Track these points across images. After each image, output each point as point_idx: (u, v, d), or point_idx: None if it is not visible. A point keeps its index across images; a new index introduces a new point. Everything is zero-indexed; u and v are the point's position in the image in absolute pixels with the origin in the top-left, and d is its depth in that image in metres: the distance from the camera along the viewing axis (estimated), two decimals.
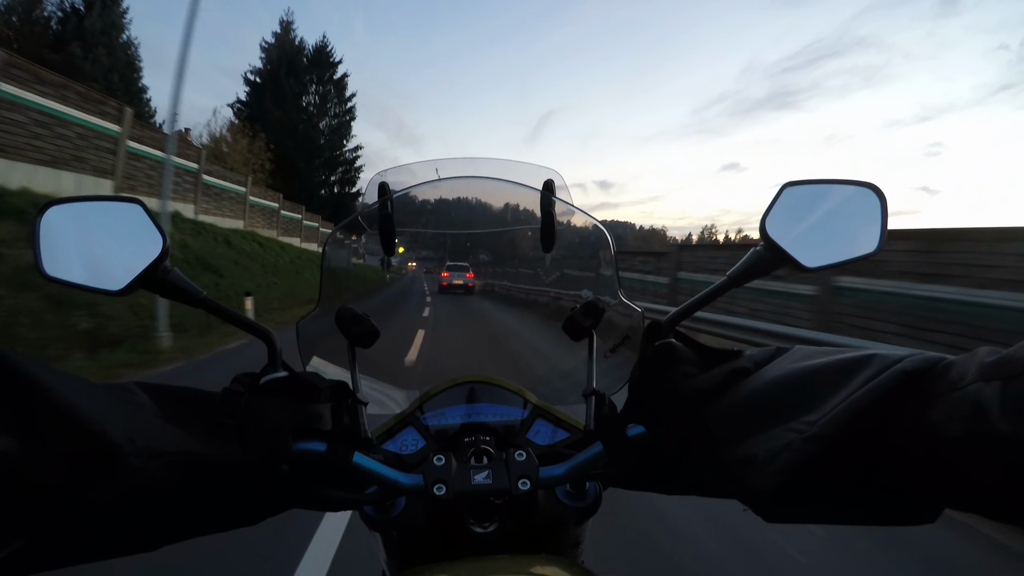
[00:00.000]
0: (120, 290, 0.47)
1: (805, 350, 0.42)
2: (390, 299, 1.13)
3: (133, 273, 0.46)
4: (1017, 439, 0.26)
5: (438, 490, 0.48)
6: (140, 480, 0.35)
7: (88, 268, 0.47)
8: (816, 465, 0.34)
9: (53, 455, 0.32)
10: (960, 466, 0.29)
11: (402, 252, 0.98)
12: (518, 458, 0.51)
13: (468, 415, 0.66)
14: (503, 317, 1.36)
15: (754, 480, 0.36)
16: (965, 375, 0.30)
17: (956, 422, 0.29)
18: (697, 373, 0.45)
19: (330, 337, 0.59)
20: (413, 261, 1.30)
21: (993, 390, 0.27)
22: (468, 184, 0.74)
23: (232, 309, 0.51)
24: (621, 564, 1.98)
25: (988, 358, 0.29)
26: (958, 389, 0.29)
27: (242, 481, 0.41)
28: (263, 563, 1.96)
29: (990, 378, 0.28)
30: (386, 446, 0.63)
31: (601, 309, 0.62)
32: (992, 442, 0.27)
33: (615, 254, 0.68)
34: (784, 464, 0.34)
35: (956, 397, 0.29)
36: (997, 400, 0.27)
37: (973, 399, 0.28)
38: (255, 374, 0.48)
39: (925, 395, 0.31)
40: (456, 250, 1.12)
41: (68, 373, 0.36)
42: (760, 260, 0.49)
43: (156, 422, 0.39)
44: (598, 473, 0.54)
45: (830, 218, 0.50)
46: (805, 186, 0.49)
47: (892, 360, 0.34)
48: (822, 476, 0.34)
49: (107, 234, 0.48)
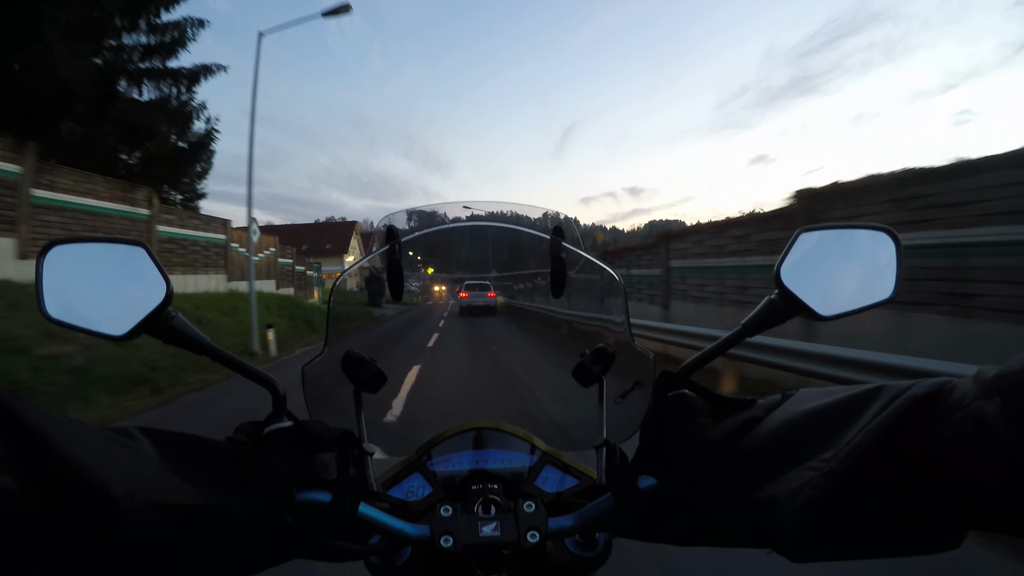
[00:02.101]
0: (123, 335, 0.46)
1: (811, 392, 0.42)
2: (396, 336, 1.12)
3: (137, 318, 0.46)
4: (1021, 450, 0.26)
5: (445, 542, 0.47)
6: (139, 533, 0.34)
7: (91, 311, 0.47)
8: (838, 500, 0.34)
9: (52, 502, 0.32)
10: (974, 485, 0.30)
11: (431, 272, 0.97)
12: (527, 509, 0.50)
13: (475, 462, 0.65)
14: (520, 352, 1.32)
15: (777, 520, 0.36)
16: (967, 394, 0.30)
17: (962, 441, 0.29)
18: (710, 424, 0.45)
19: (336, 381, 0.58)
20: (436, 286, 1.22)
21: (994, 406, 0.28)
22: (478, 229, 0.74)
23: (236, 356, 0.51)
24: None
25: (988, 375, 0.30)
26: (961, 408, 0.30)
27: (245, 531, 0.41)
28: None
29: (991, 394, 0.28)
30: (392, 492, 0.62)
31: (611, 355, 0.61)
32: (999, 456, 0.27)
33: (627, 299, 0.68)
34: (806, 501, 0.34)
35: (960, 417, 0.30)
36: (999, 415, 0.27)
37: (976, 417, 0.28)
38: (259, 423, 0.47)
39: (934, 418, 0.31)
40: (472, 268, 1.10)
41: (70, 419, 0.36)
42: (774, 308, 0.48)
43: (157, 472, 0.38)
44: (608, 524, 0.53)
45: (845, 263, 0.50)
46: (819, 231, 0.49)
47: (901, 388, 0.34)
48: (844, 510, 0.34)
49: (111, 277, 0.48)
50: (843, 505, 0.34)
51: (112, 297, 0.47)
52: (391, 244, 0.59)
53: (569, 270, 0.61)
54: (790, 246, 0.48)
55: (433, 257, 0.77)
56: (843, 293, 0.48)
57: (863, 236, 0.50)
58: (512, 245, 0.76)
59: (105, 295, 0.48)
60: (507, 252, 0.78)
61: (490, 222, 0.72)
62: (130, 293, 0.47)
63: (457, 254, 0.78)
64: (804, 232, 0.48)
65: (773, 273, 0.47)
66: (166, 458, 0.40)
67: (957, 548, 0.34)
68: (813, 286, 0.47)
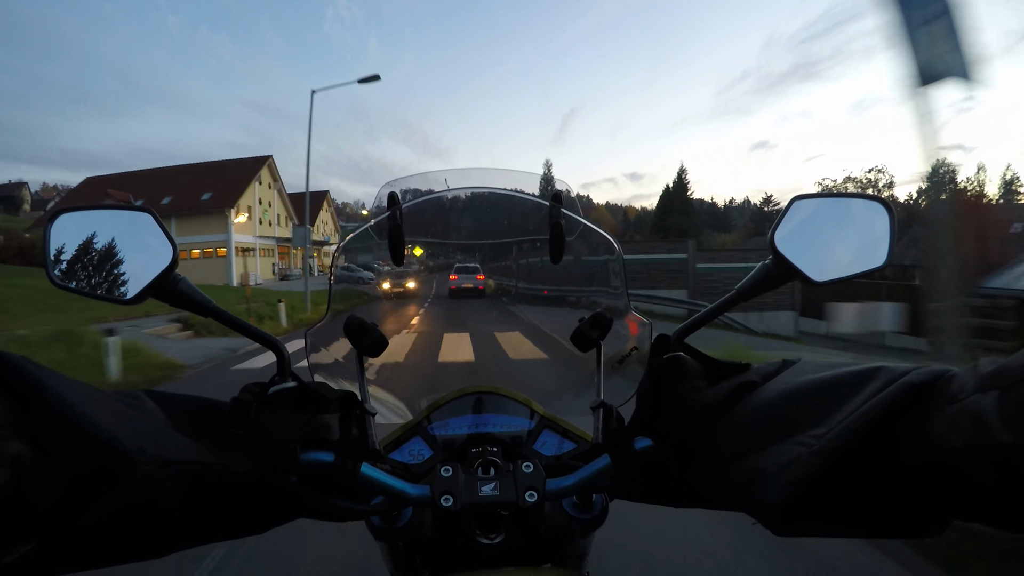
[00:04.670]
0: (130, 299, 0.47)
1: (812, 363, 0.42)
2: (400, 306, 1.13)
3: (143, 282, 0.47)
4: (1016, 447, 0.26)
5: (445, 501, 0.48)
6: (149, 489, 0.35)
7: (98, 277, 0.47)
8: (824, 478, 0.34)
9: (63, 462, 0.33)
10: (964, 477, 0.30)
11: (419, 254, 0.97)
12: (525, 470, 0.51)
13: (475, 425, 0.66)
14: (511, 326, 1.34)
15: (763, 494, 0.36)
16: (965, 387, 0.30)
17: (957, 434, 0.29)
18: (705, 386, 0.45)
19: (338, 346, 0.59)
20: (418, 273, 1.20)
21: (991, 400, 0.28)
22: (477, 195, 0.74)
23: (241, 319, 0.51)
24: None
25: (986, 369, 0.30)
26: (958, 401, 0.30)
27: (250, 491, 0.42)
28: (270, 571, 1.96)
29: (988, 388, 0.28)
30: (393, 455, 0.63)
31: (609, 320, 0.61)
32: (993, 451, 0.27)
33: (624, 266, 0.68)
34: (793, 478, 0.34)
35: (956, 409, 0.30)
36: (995, 410, 0.27)
37: (972, 410, 0.29)
38: (264, 384, 0.48)
39: (929, 407, 0.32)
40: (465, 253, 1.08)
41: (79, 381, 0.36)
42: (769, 274, 0.49)
43: (165, 431, 0.39)
44: (605, 485, 0.53)
45: (839, 231, 0.50)
46: (814, 199, 0.49)
47: (899, 373, 0.34)
48: (830, 489, 0.34)
49: (117, 243, 0.48)
50: (829, 484, 0.34)
51: (119, 263, 0.48)
52: (392, 210, 0.59)
53: (568, 236, 0.61)
54: (784, 212, 0.48)
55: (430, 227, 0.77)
56: (837, 259, 0.49)
57: (858, 205, 0.50)
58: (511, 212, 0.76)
59: (112, 261, 0.48)
60: (507, 219, 0.78)
61: (491, 188, 0.71)
62: (136, 258, 0.47)
63: (458, 220, 0.78)
64: (799, 200, 0.49)
65: (768, 239, 0.48)
66: (173, 419, 0.41)
67: (939, 535, 0.35)
68: (807, 252, 0.47)
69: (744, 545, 2.21)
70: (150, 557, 0.38)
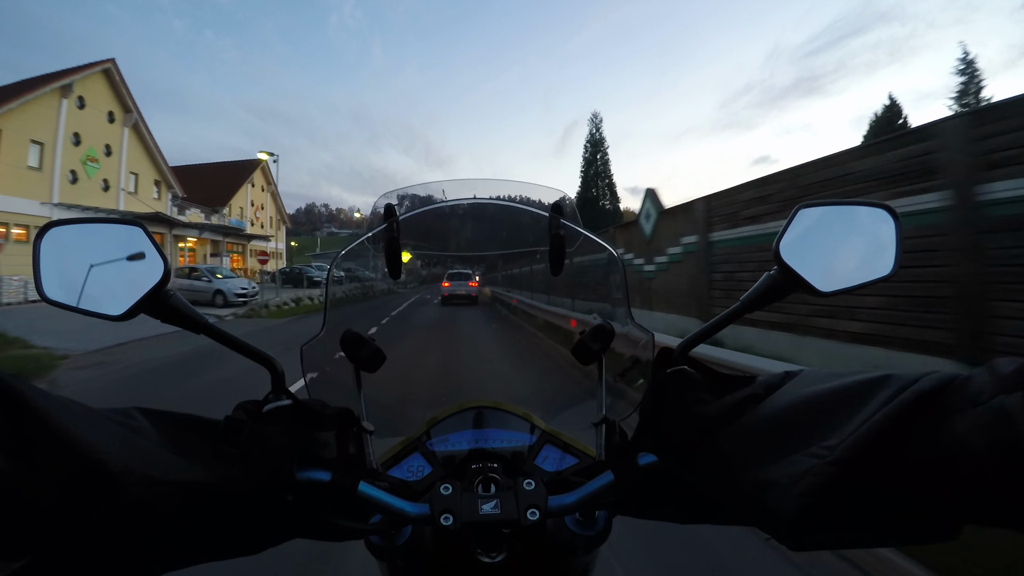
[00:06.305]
0: (120, 315, 0.46)
1: (815, 373, 0.42)
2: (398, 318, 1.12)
3: (134, 297, 0.46)
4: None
5: (445, 520, 0.47)
6: (138, 509, 0.34)
7: (89, 292, 0.46)
8: (838, 489, 0.33)
9: (50, 480, 0.32)
10: (982, 480, 0.29)
11: (407, 259, 0.96)
12: (527, 487, 0.50)
13: (475, 441, 0.65)
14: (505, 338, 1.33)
15: (776, 506, 0.35)
16: (985, 388, 0.30)
17: (980, 435, 0.29)
18: (710, 400, 0.45)
19: (335, 361, 0.58)
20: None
21: (1016, 400, 0.28)
22: (476, 206, 0.73)
23: (234, 335, 0.50)
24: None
25: (1006, 369, 0.30)
26: (981, 403, 0.29)
27: (245, 510, 0.41)
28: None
29: (1012, 389, 0.28)
30: (392, 472, 0.62)
31: (610, 332, 0.61)
32: (1020, 452, 0.27)
33: (625, 277, 0.67)
34: (806, 488, 0.34)
35: (979, 411, 0.29)
36: (1022, 410, 0.27)
37: (996, 411, 0.28)
38: (258, 402, 0.47)
39: (945, 412, 0.31)
40: (464, 264, 1.08)
41: (69, 399, 0.36)
42: (774, 285, 0.48)
43: (157, 449, 0.38)
44: (608, 502, 0.53)
45: (844, 240, 0.49)
46: (819, 207, 0.49)
47: (909, 380, 0.34)
48: (844, 500, 0.34)
49: (108, 257, 0.48)
50: (844, 495, 0.34)
51: (110, 277, 0.47)
52: (389, 222, 0.58)
53: (568, 247, 0.60)
54: (789, 222, 0.47)
55: (427, 239, 0.76)
56: (843, 269, 0.48)
57: (863, 213, 0.50)
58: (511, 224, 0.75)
59: (103, 276, 0.47)
60: (506, 231, 0.77)
61: (490, 200, 0.71)
62: (128, 273, 0.47)
63: (456, 232, 0.77)
64: (804, 208, 0.48)
65: (772, 249, 0.47)
66: (165, 436, 0.40)
67: (956, 538, 0.34)
68: (812, 262, 0.46)
69: (751, 562, 2.18)
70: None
